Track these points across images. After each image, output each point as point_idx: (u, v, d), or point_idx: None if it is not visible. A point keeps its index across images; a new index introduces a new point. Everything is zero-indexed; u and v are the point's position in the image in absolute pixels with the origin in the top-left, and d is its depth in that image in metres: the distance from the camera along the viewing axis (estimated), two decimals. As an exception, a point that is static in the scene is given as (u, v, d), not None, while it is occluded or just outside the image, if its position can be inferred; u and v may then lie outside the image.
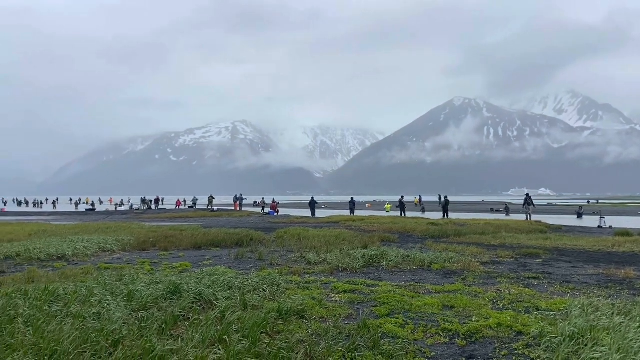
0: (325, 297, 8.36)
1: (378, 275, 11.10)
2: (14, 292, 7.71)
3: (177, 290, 7.89)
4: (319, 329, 6.39)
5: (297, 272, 11.09)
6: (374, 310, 7.59)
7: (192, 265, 12.50)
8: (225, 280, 8.93)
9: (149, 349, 5.05)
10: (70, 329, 5.63)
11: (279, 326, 6.43)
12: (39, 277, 10.20)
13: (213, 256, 14.51)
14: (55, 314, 6.45)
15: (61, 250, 14.45)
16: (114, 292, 7.86)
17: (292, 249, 15.64)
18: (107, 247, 16.00)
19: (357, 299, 8.37)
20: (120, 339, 5.45)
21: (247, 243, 17.44)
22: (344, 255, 13.32)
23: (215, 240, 17.57)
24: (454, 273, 11.26)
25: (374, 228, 24.48)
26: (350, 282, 9.89)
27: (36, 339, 5.31)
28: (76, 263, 13.25)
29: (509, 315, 7.07)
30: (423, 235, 21.23)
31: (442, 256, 13.29)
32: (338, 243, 16.25)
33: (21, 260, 13.37)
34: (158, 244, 16.98)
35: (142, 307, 7.03)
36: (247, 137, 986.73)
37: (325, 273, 11.16)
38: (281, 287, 9.06)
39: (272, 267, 11.97)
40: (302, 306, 7.31)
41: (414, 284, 9.84)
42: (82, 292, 7.69)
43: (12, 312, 6.37)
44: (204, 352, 5.08)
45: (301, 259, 13.21)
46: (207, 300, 7.60)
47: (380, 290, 9.05)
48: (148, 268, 11.89)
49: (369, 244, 16.10)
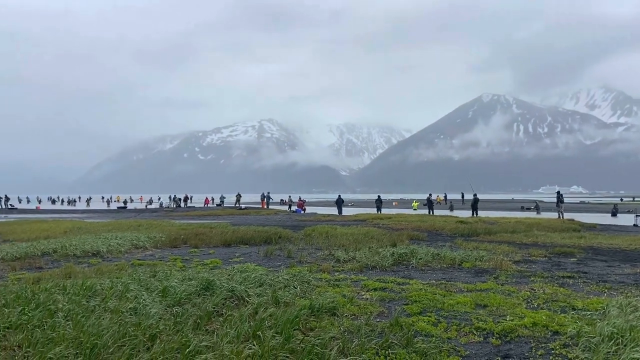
0: (356, 295, 8.36)
1: (408, 273, 11.03)
2: (53, 287, 7.95)
3: (209, 287, 8.01)
4: (351, 326, 6.39)
5: (326, 269, 11.11)
6: (405, 308, 7.55)
7: (223, 262, 12.65)
8: (256, 277, 9.02)
9: (186, 343, 5.14)
10: (109, 323, 5.78)
11: (311, 323, 6.46)
12: (76, 273, 10.49)
13: (242, 253, 14.66)
14: (93, 308, 6.63)
15: (96, 247, 14.82)
16: (148, 287, 8.02)
17: (321, 246, 15.67)
18: (140, 244, 16.33)
19: (388, 296, 8.34)
20: (157, 334, 5.56)
21: (276, 241, 17.55)
22: (373, 253, 13.28)
23: (244, 238, 17.74)
24: (486, 272, 11.10)
25: (402, 226, 24.32)
26: (381, 280, 9.86)
27: (76, 332, 5.46)
28: (110, 259, 13.57)
29: (545, 315, 6.93)
30: (452, 234, 20.99)
31: (473, 254, 13.12)
32: (366, 241, 16.21)
33: (58, 257, 13.77)
34: (188, 241, 17.24)
35: (177, 302, 7.15)
36: (273, 135, 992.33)
37: (355, 271, 11.15)
38: (311, 285, 9.10)
39: (301, 264, 12.02)
40: (334, 303, 7.32)
41: (445, 282, 9.74)
42: (118, 288, 7.88)
43: (52, 307, 6.57)
44: (238, 348, 5.15)
45: (330, 257, 13.23)
46: (239, 296, 7.69)
47: (411, 288, 9.00)
48: (180, 265, 12.10)
49: (397, 242, 16.01)
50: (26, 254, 13.75)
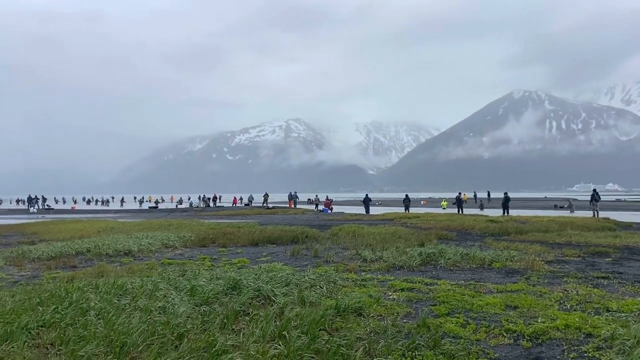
0: (383, 295, 8.29)
1: (436, 273, 10.89)
2: (86, 285, 8.16)
3: (236, 286, 8.08)
4: (378, 327, 6.34)
5: (353, 269, 11.07)
6: (433, 309, 7.45)
7: (250, 261, 12.75)
8: (283, 277, 9.05)
9: (212, 342, 5.19)
10: (138, 321, 5.89)
11: (337, 323, 6.44)
12: (108, 271, 10.74)
13: (269, 253, 14.75)
14: (124, 307, 6.76)
15: (127, 247, 15.15)
16: (177, 286, 8.14)
17: (347, 246, 15.63)
18: (170, 243, 16.62)
19: (415, 297, 8.25)
20: (184, 333, 5.64)
21: (303, 240, 17.59)
22: (400, 252, 13.16)
23: (272, 237, 17.84)
24: (517, 272, 10.86)
25: (430, 225, 24.04)
26: (408, 280, 9.76)
27: (107, 330, 5.59)
28: (141, 258, 13.84)
29: (578, 317, 6.74)
30: (482, 233, 20.63)
31: (504, 254, 12.85)
32: (394, 240, 16.08)
33: (91, 256, 14.13)
34: (217, 241, 17.45)
35: (204, 301, 7.23)
36: (300, 135, 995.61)
37: (382, 271, 11.08)
38: (338, 284, 9.07)
39: (327, 264, 12.01)
40: (360, 304, 7.28)
41: (474, 282, 9.57)
42: (148, 287, 8.02)
43: (84, 305, 6.74)
44: (264, 347, 5.17)
45: (357, 257, 13.18)
46: (265, 296, 7.73)
47: (439, 288, 8.88)
48: (208, 264, 12.26)
49: (425, 241, 15.83)
50: (61, 253, 14.16)
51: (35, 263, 13.03)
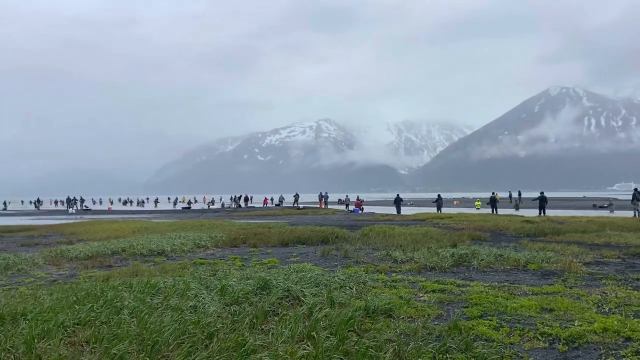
0: (413, 297, 8.19)
1: (469, 274, 10.69)
2: (120, 285, 8.35)
3: (266, 286, 8.12)
4: (408, 328, 6.26)
5: (383, 270, 10.98)
6: (465, 311, 7.30)
7: (280, 261, 12.81)
8: (312, 277, 9.05)
9: (241, 342, 5.22)
10: (170, 320, 5.99)
11: (366, 324, 6.38)
12: (142, 271, 10.97)
13: (299, 253, 14.78)
14: (156, 306, 6.89)
15: (161, 246, 15.45)
16: (208, 286, 8.24)
17: (378, 246, 15.52)
18: (202, 243, 16.86)
19: (446, 299, 8.11)
20: (214, 332, 5.69)
21: (333, 240, 17.56)
22: (432, 253, 12.98)
23: (302, 238, 17.88)
24: (553, 274, 10.56)
25: (463, 226, 23.65)
26: (439, 281, 9.61)
27: (140, 329, 5.70)
28: (174, 258, 14.09)
29: (616, 320, 6.49)
30: (517, 234, 20.15)
31: (539, 256, 12.50)
32: (425, 241, 15.88)
33: (126, 255, 14.47)
34: (248, 241, 17.61)
35: (234, 301, 7.30)
36: (331, 135, 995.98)
37: (413, 272, 10.95)
38: (367, 285, 9.01)
39: (357, 264, 11.95)
40: (390, 305, 7.20)
41: (509, 284, 9.35)
42: (180, 286, 8.15)
43: (118, 304, 6.90)
44: (293, 348, 5.17)
45: (387, 257, 13.06)
46: (294, 296, 7.74)
47: (472, 290, 8.70)
48: (239, 264, 12.38)
49: (458, 242, 15.57)
50: (97, 252, 14.55)
51: (73, 262, 13.42)
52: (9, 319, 6.27)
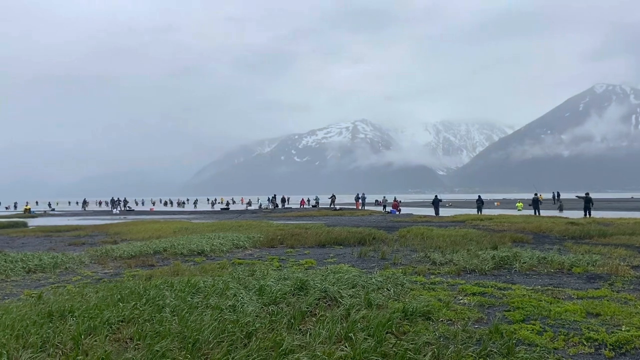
0: (453, 299, 8.05)
1: (510, 277, 10.42)
2: (162, 283, 8.57)
3: (303, 287, 8.16)
4: (447, 331, 6.16)
5: (421, 272, 10.84)
6: (506, 315, 7.13)
7: (317, 262, 12.84)
8: (349, 278, 9.02)
9: (280, 342, 5.26)
10: (210, 319, 6.10)
11: (404, 327, 6.31)
12: (182, 270, 11.22)
13: (337, 254, 14.77)
14: (196, 305, 7.02)
15: (200, 247, 15.74)
16: (246, 286, 8.35)
17: (416, 248, 15.34)
18: (240, 244, 17.09)
19: (487, 302, 7.94)
20: (253, 331, 5.76)
21: (370, 242, 17.47)
22: (472, 255, 12.73)
23: (339, 239, 17.86)
24: (599, 277, 10.17)
25: (504, 227, 23.08)
26: (479, 284, 9.41)
27: (181, 327, 5.83)
28: (213, 258, 14.34)
29: (669, 327, 6.19)
30: (561, 236, 19.52)
31: (585, 258, 12.07)
32: (465, 243, 15.59)
33: (167, 255, 14.82)
34: (285, 242, 17.73)
35: (272, 301, 7.36)
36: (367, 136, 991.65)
37: (452, 274, 10.76)
38: (405, 287, 8.91)
39: (395, 266, 11.84)
40: (428, 307, 7.11)
41: (552, 288, 9.06)
42: (219, 286, 8.29)
43: (160, 302, 7.07)
44: (330, 349, 5.17)
45: (425, 259, 12.89)
46: (332, 297, 7.74)
47: (514, 294, 8.48)
48: (276, 264, 12.48)
49: (499, 244, 15.21)
50: (140, 252, 14.96)
51: (117, 261, 13.85)
52: (58, 316, 6.52)
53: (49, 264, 12.69)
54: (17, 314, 6.56)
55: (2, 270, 11.78)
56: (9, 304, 7.64)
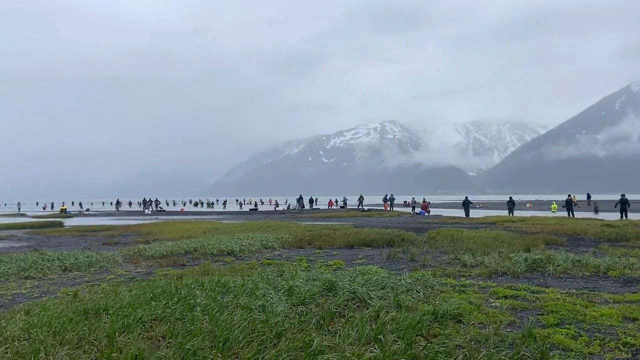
0: (484, 302, 7.90)
1: (543, 281, 10.18)
2: (193, 283, 8.70)
3: (332, 288, 8.15)
4: (478, 335, 6.05)
5: (451, 274, 10.70)
6: (540, 318, 6.96)
7: (346, 263, 12.81)
8: (378, 280, 8.97)
9: (309, 342, 5.27)
10: (240, 319, 6.15)
11: (434, 329, 6.24)
12: (213, 270, 11.36)
13: (365, 255, 14.72)
14: (226, 304, 7.10)
15: (230, 247, 15.92)
16: (275, 286, 8.39)
17: (446, 250, 15.14)
18: (269, 244, 17.21)
19: (520, 305, 7.77)
20: (282, 331, 5.78)
21: (399, 243, 17.33)
22: (504, 258, 12.49)
23: (367, 240, 17.79)
24: (637, 281, 9.84)
25: (537, 229, 22.58)
26: (512, 287, 9.23)
27: (212, 326, 5.90)
28: (243, 258, 14.48)
29: None
30: (596, 238, 18.97)
31: (621, 262, 11.69)
32: (496, 245, 15.31)
33: (198, 255, 15.04)
34: (313, 242, 17.76)
35: (301, 302, 7.38)
36: (396, 136, 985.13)
37: (483, 277, 10.58)
38: (435, 289, 8.81)
39: (424, 268, 11.72)
40: (459, 310, 7.00)
41: (587, 292, 8.81)
42: (249, 286, 8.36)
43: (191, 301, 7.18)
44: (360, 350, 5.15)
45: (455, 261, 12.72)
46: (361, 298, 7.71)
47: (547, 297, 8.29)
48: (305, 265, 12.51)
49: (531, 246, 14.89)
50: (171, 252, 15.23)
51: (149, 261, 14.14)
52: (93, 313, 6.70)
53: (84, 263, 13.04)
54: (54, 311, 6.77)
55: (39, 269, 12.18)
56: (46, 302, 7.89)
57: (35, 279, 11.32)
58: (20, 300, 8.97)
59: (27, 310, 7.19)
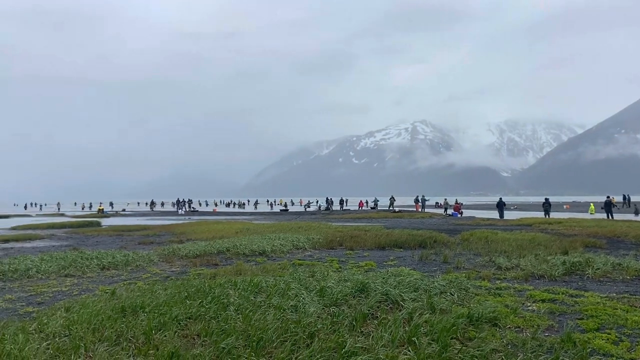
0: (521, 306, 7.73)
1: (582, 284, 9.89)
2: (226, 282, 8.81)
3: (364, 289, 8.11)
4: (515, 339, 5.92)
5: (486, 277, 10.50)
6: (579, 323, 6.77)
7: (377, 265, 12.74)
8: (411, 282, 8.88)
9: (342, 343, 5.26)
10: (273, 318, 6.20)
11: (469, 332, 6.13)
12: (245, 270, 11.47)
13: (396, 257, 14.60)
14: (259, 304, 7.16)
15: (261, 247, 16.05)
16: (307, 287, 8.41)
17: (479, 252, 14.88)
18: (300, 245, 17.27)
19: (558, 309, 7.57)
20: (315, 332, 5.79)
21: (431, 245, 17.12)
22: (540, 261, 12.18)
23: (398, 241, 17.64)
24: (683, 287, 9.44)
25: (575, 232, 21.95)
26: (549, 290, 8.99)
27: (245, 325, 5.96)
28: (274, 259, 14.57)
29: None
30: (637, 241, 18.29)
31: (666, 266, 11.24)
32: (532, 247, 14.95)
33: (230, 255, 15.22)
34: (344, 243, 17.72)
35: (333, 303, 7.37)
36: (427, 137, 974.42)
37: (519, 279, 10.35)
38: (470, 292, 8.66)
39: (458, 270, 11.54)
40: (495, 313, 6.86)
41: (629, 296, 8.51)
42: (281, 286, 8.41)
43: (225, 301, 7.27)
44: (393, 352, 5.11)
45: (490, 264, 12.48)
46: (393, 300, 7.65)
47: (586, 301, 8.04)
48: (336, 266, 12.50)
49: (569, 249, 14.47)
50: (204, 251, 15.46)
51: (183, 260, 14.38)
52: (130, 311, 6.86)
53: (121, 262, 13.38)
54: (93, 308, 6.96)
55: (79, 267, 12.56)
56: (85, 299, 8.13)
57: (75, 277, 11.68)
58: (60, 297, 9.27)
59: (67, 307, 7.42)
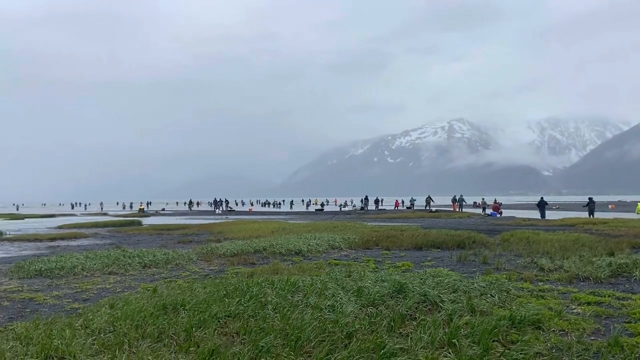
0: (565, 308, 7.48)
1: (630, 287, 9.49)
2: (264, 281, 8.89)
3: (402, 290, 8.01)
4: (560, 342, 5.73)
5: (528, 278, 10.21)
6: (627, 326, 6.49)
7: (414, 265, 12.59)
8: (450, 283, 8.72)
9: (380, 344, 5.21)
10: (310, 318, 6.21)
11: (512, 335, 5.97)
12: (282, 269, 11.55)
13: (434, 257, 14.39)
14: (297, 303, 7.19)
15: (297, 247, 16.12)
16: (344, 287, 8.39)
17: (520, 253, 14.49)
18: (336, 244, 17.25)
19: (604, 312, 7.28)
20: (353, 332, 5.77)
21: (470, 245, 16.79)
22: (585, 262, 11.76)
23: (436, 242, 17.38)
24: None
25: (621, 232, 21.10)
26: (595, 293, 8.67)
27: (283, 324, 5.99)
28: (310, 258, 14.61)
29: None
30: (690, 242, 17.42)
31: None
32: (576, 248, 14.45)
33: (267, 254, 15.36)
34: (380, 243, 17.60)
35: (371, 303, 7.32)
36: (464, 135, 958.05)
37: (562, 281, 10.02)
38: (511, 294, 8.43)
39: (498, 271, 11.27)
40: (538, 316, 6.66)
41: (681, 300, 8.11)
42: (318, 285, 8.41)
43: (262, 299, 7.34)
44: (433, 354, 5.03)
45: (532, 265, 12.13)
46: (432, 301, 7.52)
47: (635, 304, 7.71)
48: (373, 266, 12.42)
49: (615, 250, 13.91)
50: (242, 250, 15.65)
51: (221, 259, 14.61)
52: (171, 309, 7.01)
53: (161, 260, 13.70)
54: (136, 305, 7.14)
55: (121, 265, 12.94)
56: (128, 296, 8.36)
57: (118, 275, 12.03)
58: (104, 294, 9.56)
59: (111, 304, 7.65)
